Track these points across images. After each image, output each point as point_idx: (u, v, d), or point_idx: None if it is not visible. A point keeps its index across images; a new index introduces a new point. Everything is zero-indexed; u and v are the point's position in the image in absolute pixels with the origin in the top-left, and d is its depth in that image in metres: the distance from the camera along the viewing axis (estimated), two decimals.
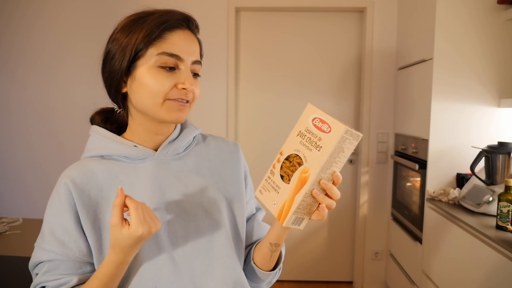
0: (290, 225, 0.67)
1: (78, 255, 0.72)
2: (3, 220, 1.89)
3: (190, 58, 0.75)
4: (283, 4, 2.66)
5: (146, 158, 0.79)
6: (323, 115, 0.65)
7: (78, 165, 0.77)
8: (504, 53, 1.93)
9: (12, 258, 1.51)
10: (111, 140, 0.79)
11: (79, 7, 2.71)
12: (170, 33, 0.73)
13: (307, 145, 0.66)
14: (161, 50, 0.72)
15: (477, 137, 1.96)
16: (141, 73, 0.73)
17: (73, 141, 2.79)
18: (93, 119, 0.86)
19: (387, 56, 2.64)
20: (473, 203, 1.74)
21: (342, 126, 0.62)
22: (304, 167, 0.65)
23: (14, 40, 2.74)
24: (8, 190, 2.85)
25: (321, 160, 0.63)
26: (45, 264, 0.72)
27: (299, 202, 0.65)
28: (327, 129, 0.64)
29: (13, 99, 2.79)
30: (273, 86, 2.79)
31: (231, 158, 0.88)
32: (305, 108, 0.69)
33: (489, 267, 1.46)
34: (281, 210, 0.67)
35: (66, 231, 0.72)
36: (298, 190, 0.65)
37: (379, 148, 2.70)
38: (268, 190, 0.70)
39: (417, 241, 2.12)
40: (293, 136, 0.69)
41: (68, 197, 0.73)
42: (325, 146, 0.63)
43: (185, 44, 0.74)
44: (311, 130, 0.66)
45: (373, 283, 2.79)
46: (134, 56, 0.72)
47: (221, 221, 0.80)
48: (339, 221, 2.86)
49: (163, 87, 0.72)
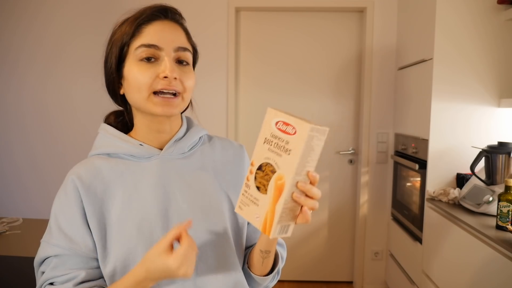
0: (277, 235, 0.64)
1: (84, 250, 0.73)
2: (3, 220, 1.89)
3: (171, 45, 0.75)
4: (283, 4, 2.66)
5: (151, 157, 0.80)
6: (285, 117, 0.62)
7: (85, 163, 0.79)
8: (504, 53, 1.93)
9: (12, 258, 1.51)
10: (118, 138, 0.80)
11: (77, 8, 2.71)
12: (146, 26, 0.75)
13: (276, 151, 0.63)
14: (139, 43, 0.74)
15: (477, 137, 1.96)
16: (127, 70, 0.76)
17: (71, 140, 2.79)
18: (108, 118, 0.88)
19: (387, 56, 2.64)
20: (473, 203, 1.74)
21: (307, 125, 0.59)
22: (278, 174, 0.62)
23: (12, 39, 2.74)
24: (7, 190, 2.85)
25: (293, 164, 0.60)
26: (52, 259, 0.73)
27: (280, 210, 0.62)
28: (292, 131, 0.61)
29: (11, 99, 2.79)
30: (273, 86, 2.79)
31: (236, 160, 0.88)
32: (266, 112, 0.65)
33: (489, 267, 1.46)
34: (265, 222, 0.64)
35: (73, 227, 0.73)
36: (277, 198, 0.62)
37: (379, 148, 2.70)
38: (247, 205, 0.67)
39: (417, 241, 2.12)
40: (260, 144, 0.66)
41: (75, 194, 0.74)
42: (294, 148, 0.61)
43: (162, 34, 0.75)
44: (276, 134, 0.63)
45: (373, 283, 2.79)
46: (119, 55, 0.76)
47: (223, 222, 0.80)
48: (339, 221, 2.86)
49: (145, 78, 0.73)
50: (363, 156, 2.71)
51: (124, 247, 0.73)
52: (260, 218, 0.65)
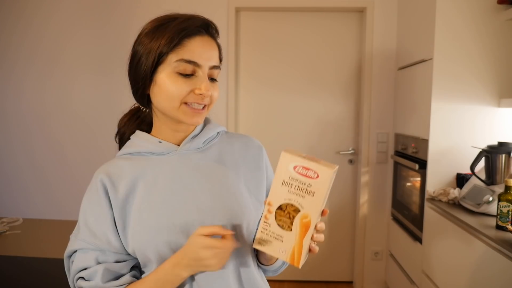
0: (302, 263, 0.73)
1: (107, 246, 0.78)
2: (3, 220, 1.89)
3: (208, 63, 0.78)
4: (283, 4, 2.66)
5: (169, 153, 0.84)
6: (303, 162, 0.69)
7: (111, 163, 0.84)
8: (504, 53, 1.93)
9: (12, 258, 1.51)
10: (138, 138, 0.86)
11: (77, 7, 2.71)
12: (189, 40, 0.77)
13: (298, 192, 0.70)
14: (180, 57, 0.76)
15: (477, 137, 1.96)
16: (161, 78, 0.77)
17: (71, 140, 2.79)
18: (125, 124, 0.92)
19: (387, 56, 2.64)
20: (473, 203, 1.74)
21: (330, 171, 0.67)
22: (303, 213, 0.70)
23: (11, 39, 2.75)
24: (7, 190, 2.85)
25: (318, 205, 0.69)
26: (78, 253, 0.79)
27: (308, 243, 0.71)
28: (314, 176, 0.69)
29: (11, 99, 2.79)
30: (273, 86, 2.79)
31: (255, 158, 0.91)
32: (280, 157, 0.71)
33: (489, 267, 1.46)
34: (292, 255, 0.72)
35: (98, 223, 0.78)
36: (304, 234, 0.71)
37: (379, 148, 2.70)
38: (270, 241, 0.73)
39: (417, 241, 2.12)
40: (277, 187, 0.72)
41: (103, 191, 0.79)
42: (317, 191, 0.69)
43: (203, 50, 0.78)
44: (296, 178, 0.70)
45: (373, 283, 2.79)
46: (156, 61, 0.77)
47: (239, 214, 0.82)
48: (339, 221, 2.86)
49: (181, 92, 0.76)
50: (363, 156, 2.71)
51: (142, 238, 0.77)
52: (286, 252, 0.72)
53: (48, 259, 1.49)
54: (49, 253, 1.52)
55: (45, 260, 1.49)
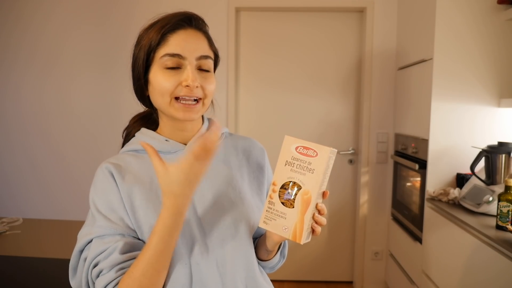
0: (304, 241, 0.75)
1: (122, 227, 0.76)
2: (3, 220, 1.89)
3: (194, 54, 0.79)
4: (283, 4, 2.66)
5: (176, 152, 0.85)
6: (304, 143, 0.75)
7: (116, 157, 0.85)
8: (504, 53, 1.93)
9: (12, 258, 1.51)
10: (145, 135, 0.87)
11: (77, 7, 2.71)
12: (171, 35, 0.78)
13: (299, 171, 0.75)
14: (164, 52, 0.78)
15: (477, 137, 1.96)
16: (152, 75, 0.80)
17: (71, 139, 2.79)
18: (135, 121, 0.93)
19: (387, 56, 2.64)
20: (473, 203, 1.74)
21: (327, 149, 0.73)
22: (304, 189, 0.74)
23: (11, 38, 2.75)
24: (7, 190, 2.85)
25: (317, 180, 0.73)
26: (92, 242, 0.76)
27: (309, 219, 0.74)
28: (313, 154, 0.74)
29: (10, 98, 2.79)
30: (273, 86, 2.79)
31: (257, 157, 0.94)
32: (284, 140, 0.77)
33: (489, 267, 1.46)
34: (294, 231, 0.75)
35: (111, 210, 0.77)
36: (305, 210, 0.74)
37: (379, 148, 2.70)
38: (274, 219, 0.76)
39: (417, 241, 2.12)
40: (281, 167, 0.77)
41: (109, 178, 0.79)
42: (317, 167, 0.73)
43: (186, 43, 0.79)
44: (298, 157, 0.75)
45: (373, 283, 2.79)
46: (146, 60, 0.80)
47: (244, 212, 0.84)
48: (339, 221, 2.86)
49: (168, 86, 0.77)
50: (363, 156, 2.71)
51: (144, 237, 0.77)
52: (288, 229, 0.75)
53: (48, 259, 1.49)
54: (49, 253, 1.52)
55: (45, 260, 1.49)
